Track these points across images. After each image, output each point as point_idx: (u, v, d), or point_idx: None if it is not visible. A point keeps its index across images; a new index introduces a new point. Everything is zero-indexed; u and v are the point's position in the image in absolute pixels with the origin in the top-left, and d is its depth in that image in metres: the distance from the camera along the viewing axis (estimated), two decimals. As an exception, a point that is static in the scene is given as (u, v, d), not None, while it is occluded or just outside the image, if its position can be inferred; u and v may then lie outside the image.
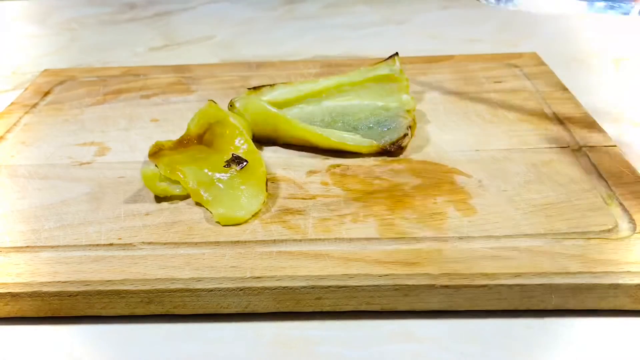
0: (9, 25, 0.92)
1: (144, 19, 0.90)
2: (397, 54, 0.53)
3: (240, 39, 0.81)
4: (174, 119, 0.54)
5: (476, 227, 0.38)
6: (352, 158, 0.46)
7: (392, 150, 0.46)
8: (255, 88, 0.51)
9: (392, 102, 0.51)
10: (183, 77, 0.63)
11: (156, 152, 0.45)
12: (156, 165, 0.44)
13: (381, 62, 0.53)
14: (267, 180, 0.43)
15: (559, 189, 0.41)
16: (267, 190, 0.42)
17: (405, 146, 0.47)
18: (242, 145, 0.45)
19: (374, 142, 0.46)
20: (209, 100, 0.48)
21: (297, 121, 0.48)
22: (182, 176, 0.42)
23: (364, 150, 0.46)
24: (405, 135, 0.47)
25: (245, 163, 0.42)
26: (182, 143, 0.46)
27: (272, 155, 0.48)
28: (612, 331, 0.33)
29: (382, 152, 0.46)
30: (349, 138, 0.47)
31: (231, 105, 0.49)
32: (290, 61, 0.67)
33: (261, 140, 0.49)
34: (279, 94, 0.51)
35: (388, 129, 0.48)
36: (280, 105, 0.50)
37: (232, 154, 0.43)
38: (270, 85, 0.51)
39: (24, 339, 0.34)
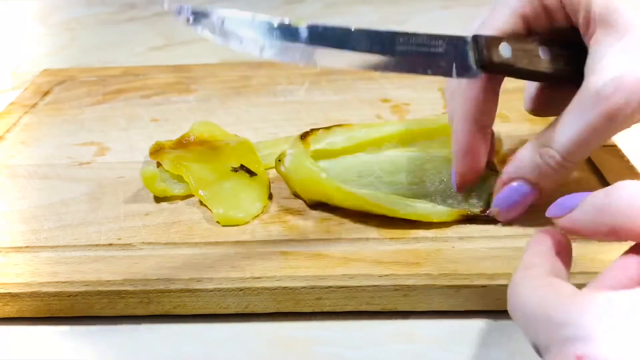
0: (9, 25, 0.92)
1: (144, 18, 0.90)
2: None
3: (240, 39, 0.81)
4: (174, 119, 0.54)
5: (476, 227, 0.38)
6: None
7: (484, 216, 0.38)
8: (306, 134, 0.43)
9: None
10: (183, 77, 0.62)
11: (157, 151, 0.45)
12: (158, 163, 0.44)
13: None
14: (269, 191, 0.43)
15: (559, 189, 0.41)
16: (268, 199, 0.42)
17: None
18: (251, 158, 0.45)
19: (455, 208, 0.38)
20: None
21: (355, 191, 0.38)
22: (186, 171, 0.42)
23: (444, 219, 0.38)
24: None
25: (254, 175, 0.42)
26: (182, 143, 0.46)
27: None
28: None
29: (469, 219, 0.38)
30: (420, 208, 0.38)
31: (279, 160, 0.41)
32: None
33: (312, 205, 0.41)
34: (334, 141, 0.43)
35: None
36: (336, 153, 0.43)
37: (241, 165, 0.43)
38: (326, 128, 0.44)
39: (24, 339, 0.34)
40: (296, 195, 0.41)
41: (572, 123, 0.33)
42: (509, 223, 0.38)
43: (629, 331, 0.21)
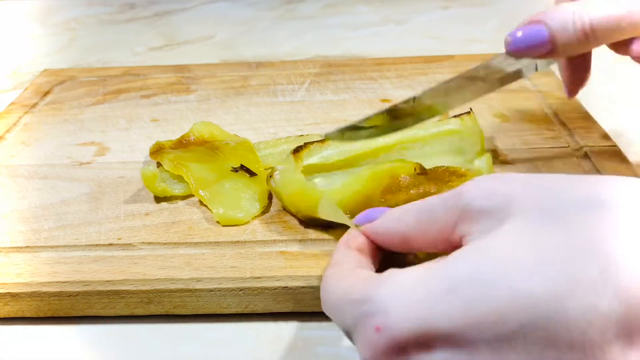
0: (9, 25, 0.92)
1: (144, 18, 0.90)
2: (471, 110, 0.44)
3: (240, 39, 0.81)
4: (174, 119, 0.54)
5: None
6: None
7: None
8: (299, 148, 0.41)
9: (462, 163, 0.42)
10: (183, 77, 0.63)
11: (157, 151, 0.45)
12: (158, 163, 0.44)
13: (451, 117, 0.44)
14: (269, 191, 0.42)
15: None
16: (268, 199, 0.42)
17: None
18: (251, 158, 0.45)
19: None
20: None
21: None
22: (186, 171, 0.42)
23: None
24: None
25: (254, 175, 0.42)
26: (182, 143, 0.46)
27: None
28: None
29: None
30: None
31: (270, 176, 0.40)
32: (290, 61, 0.67)
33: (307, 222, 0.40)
34: (328, 155, 0.42)
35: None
36: (329, 167, 0.42)
37: (241, 165, 0.43)
38: (320, 141, 0.42)
39: (24, 339, 0.34)
40: (288, 212, 0.40)
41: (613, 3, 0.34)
42: None
43: (415, 301, 0.23)
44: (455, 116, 0.44)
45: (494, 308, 0.21)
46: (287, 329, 0.34)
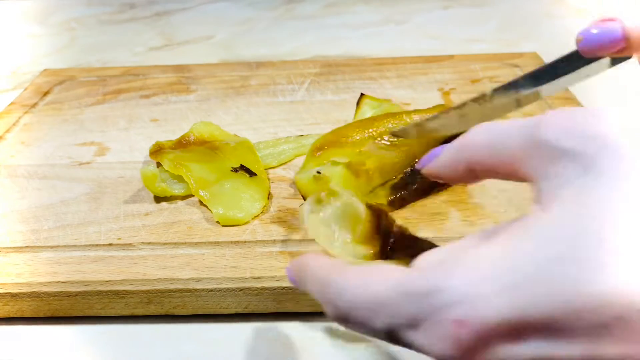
0: (9, 25, 0.92)
1: (144, 18, 0.90)
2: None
3: (240, 39, 0.81)
4: (174, 119, 0.54)
5: (476, 227, 0.38)
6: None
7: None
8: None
9: None
10: (183, 77, 0.62)
11: (157, 151, 0.45)
12: (158, 163, 0.44)
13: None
14: (269, 191, 0.43)
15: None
16: (268, 199, 0.42)
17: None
18: (251, 158, 0.45)
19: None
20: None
21: None
22: (186, 171, 0.42)
23: None
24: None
25: (254, 175, 0.42)
26: (182, 143, 0.46)
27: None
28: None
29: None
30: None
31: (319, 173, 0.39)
32: (290, 61, 0.67)
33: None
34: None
35: None
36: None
37: (241, 165, 0.43)
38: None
39: (24, 339, 0.34)
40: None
41: None
42: None
43: (502, 287, 0.19)
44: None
45: (595, 294, 0.18)
46: (287, 328, 0.34)
